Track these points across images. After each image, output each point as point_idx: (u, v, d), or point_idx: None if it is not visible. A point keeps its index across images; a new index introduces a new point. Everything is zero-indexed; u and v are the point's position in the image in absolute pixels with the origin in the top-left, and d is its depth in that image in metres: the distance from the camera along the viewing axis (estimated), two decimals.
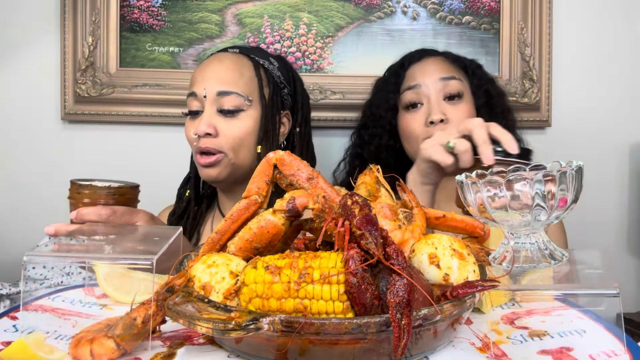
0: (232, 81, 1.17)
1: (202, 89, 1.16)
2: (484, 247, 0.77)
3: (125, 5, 1.58)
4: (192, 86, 1.20)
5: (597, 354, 0.59)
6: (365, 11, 1.61)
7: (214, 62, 1.20)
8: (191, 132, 1.17)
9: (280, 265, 0.55)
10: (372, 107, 1.37)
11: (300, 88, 1.30)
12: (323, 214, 0.62)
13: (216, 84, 1.16)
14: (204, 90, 1.16)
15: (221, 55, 1.23)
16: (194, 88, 1.19)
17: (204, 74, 1.18)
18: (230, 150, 1.16)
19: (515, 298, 0.75)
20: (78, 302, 0.75)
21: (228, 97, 1.16)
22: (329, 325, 0.51)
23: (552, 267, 0.67)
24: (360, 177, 0.77)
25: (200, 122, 1.15)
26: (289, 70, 1.29)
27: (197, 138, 1.16)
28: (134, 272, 0.76)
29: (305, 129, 1.30)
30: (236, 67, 1.19)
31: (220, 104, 1.16)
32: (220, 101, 1.16)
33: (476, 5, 1.62)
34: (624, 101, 1.68)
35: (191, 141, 1.19)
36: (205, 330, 0.52)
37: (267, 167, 0.69)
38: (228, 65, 1.19)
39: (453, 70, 1.26)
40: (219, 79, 1.17)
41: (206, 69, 1.20)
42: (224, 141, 1.16)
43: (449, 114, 1.20)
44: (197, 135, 1.15)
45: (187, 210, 1.29)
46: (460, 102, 1.23)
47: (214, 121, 1.16)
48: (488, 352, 0.60)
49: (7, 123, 1.59)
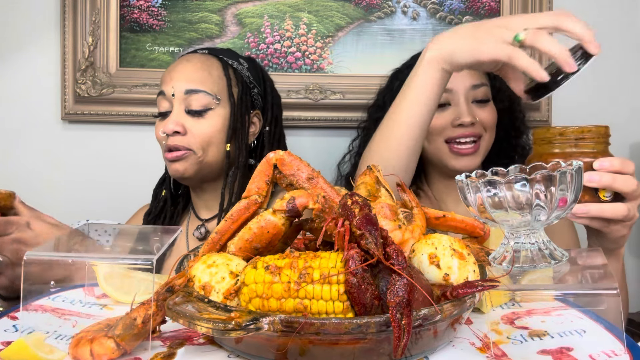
0: (200, 80, 1.19)
1: (170, 87, 1.18)
2: (484, 247, 0.77)
3: (125, 5, 1.58)
4: (161, 86, 1.21)
5: (597, 354, 0.59)
6: (365, 11, 1.61)
7: (182, 62, 1.22)
8: (160, 131, 1.18)
9: (280, 265, 0.55)
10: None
11: (270, 88, 1.31)
12: (323, 214, 0.62)
13: (184, 83, 1.17)
14: (172, 89, 1.17)
15: (190, 56, 1.24)
16: (163, 87, 1.20)
17: (172, 74, 1.20)
18: (199, 148, 1.17)
19: (515, 298, 0.75)
20: (78, 302, 0.75)
21: (196, 95, 1.17)
22: (329, 325, 0.51)
23: (552, 267, 0.67)
24: (360, 177, 0.77)
25: (169, 121, 1.17)
26: (259, 71, 1.30)
27: (165, 137, 1.17)
28: (134, 272, 0.76)
29: (276, 129, 1.30)
30: (204, 67, 1.21)
31: (188, 103, 1.17)
32: (188, 100, 1.17)
33: (476, 5, 1.62)
34: (624, 101, 1.68)
35: (160, 140, 1.20)
36: (205, 330, 0.52)
37: (267, 167, 0.69)
38: (196, 65, 1.21)
39: (482, 76, 1.28)
40: (187, 78, 1.18)
41: (175, 68, 1.21)
42: (192, 140, 1.17)
43: (477, 115, 1.24)
44: (165, 134, 1.16)
45: (164, 210, 1.29)
46: (486, 105, 1.26)
47: (182, 120, 1.17)
48: (488, 352, 0.60)
49: (7, 123, 1.59)
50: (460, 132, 1.21)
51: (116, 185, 1.61)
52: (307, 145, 1.63)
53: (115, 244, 0.74)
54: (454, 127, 1.22)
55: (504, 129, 1.32)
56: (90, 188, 1.61)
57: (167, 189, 1.30)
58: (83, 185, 1.61)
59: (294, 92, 1.60)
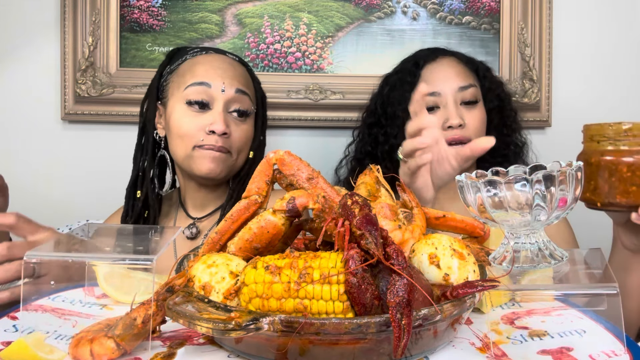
0: (246, 84, 1.19)
1: (220, 82, 1.14)
2: (484, 247, 0.77)
3: (125, 5, 1.58)
4: (198, 76, 1.15)
5: (597, 354, 0.59)
6: (365, 11, 1.61)
7: (225, 61, 1.19)
8: (201, 125, 1.13)
9: (280, 265, 0.55)
10: (385, 105, 1.37)
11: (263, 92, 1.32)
12: (323, 214, 0.62)
13: (236, 82, 1.16)
14: (223, 85, 1.14)
15: (227, 57, 1.22)
16: (207, 79, 1.14)
17: (220, 71, 1.16)
18: (235, 151, 1.17)
19: (515, 298, 0.75)
20: (78, 302, 0.75)
21: (245, 97, 1.17)
22: (329, 325, 0.51)
23: (552, 267, 0.67)
24: (360, 177, 0.77)
25: (215, 119, 1.13)
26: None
27: (206, 133, 1.13)
28: (134, 272, 0.76)
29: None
30: (246, 73, 1.22)
31: (236, 103, 1.16)
32: (237, 100, 1.16)
33: (476, 5, 1.62)
34: (624, 101, 1.68)
35: (196, 135, 1.13)
36: (205, 330, 0.52)
37: (267, 167, 0.69)
38: (239, 69, 1.20)
39: (470, 77, 1.28)
40: (237, 78, 1.17)
41: (220, 64, 1.17)
42: (232, 143, 1.16)
43: (466, 119, 1.24)
44: (212, 132, 1.12)
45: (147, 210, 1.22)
46: (475, 107, 1.26)
47: (228, 120, 1.15)
48: (488, 352, 0.60)
49: (7, 123, 1.59)
50: (450, 137, 1.21)
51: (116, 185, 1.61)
52: (307, 145, 1.63)
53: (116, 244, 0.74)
54: (444, 130, 1.22)
55: (496, 129, 1.31)
56: (90, 188, 1.61)
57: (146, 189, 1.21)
58: (83, 185, 1.61)
59: (294, 92, 1.59)
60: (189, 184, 1.23)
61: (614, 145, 0.84)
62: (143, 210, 1.22)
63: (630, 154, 0.82)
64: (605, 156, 0.84)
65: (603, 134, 0.85)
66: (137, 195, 1.22)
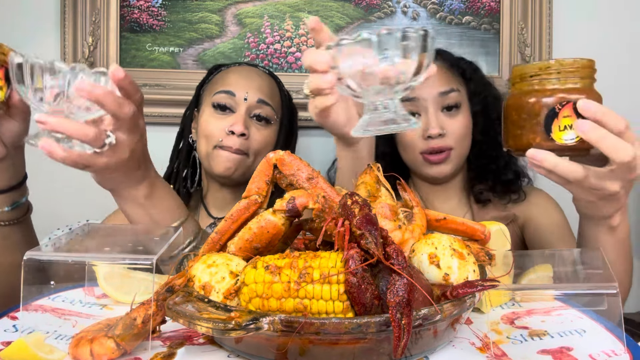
0: (270, 96, 1.26)
1: (244, 92, 1.22)
2: (484, 247, 0.77)
3: (125, 5, 1.58)
4: (226, 85, 1.24)
5: (597, 354, 0.59)
6: (365, 11, 1.61)
7: (254, 73, 1.28)
8: (224, 127, 1.20)
9: (280, 265, 0.55)
10: None
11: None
12: (323, 214, 0.62)
13: (259, 92, 1.24)
14: (246, 94, 1.22)
15: (256, 70, 1.30)
16: (232, 89, 1.23)
17: (245, 81, 1.24)
18: (253, 154, 1.22)
19: (515, 298, 0.75)
20: (78, 302, 0.75)
21: (266, 106, 1.24)
22: (329, 325, 0.51)
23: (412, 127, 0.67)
24: (360, 176, 0.76)
25: (236, 121, 1.20)
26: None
27: (225, 134, 1.19)
28: (134, 272, 0.76)
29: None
30: (272, 85, 1.29)
31: (257, 110, 1.23)
32: (258, 108, 1.23)
33: (476, 5, 1.62)
34: (624, 101, 1.68)
35: (217, 135, 1.20)
36: (205, 330, 0.52)
37: (267, 167, 0.69)
38: (266, 80, 1.28)
39: (452, 80, 1.24)
40: (260, 89, 1.25)
41: (247, 75, 1.26)
42: (250, 144, 1.21)
43: (446, 127, 1.20)
44: (231, 132, 1.19)
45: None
46: (457, 112, 1.23)
47: (248, 123, 1.22)
48: (488, 352, 0.60)
49: None
50: (430, 146, 1.19)
51: None
52: (306, 145, 1.62)
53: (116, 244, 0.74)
54: (424, 139, 1.20)
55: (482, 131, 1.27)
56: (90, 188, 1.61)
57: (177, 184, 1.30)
58: (83, 185, 1.61)
59: (294, 92, 1.59)
60: (212, 184, 1.31)
61: (510, 88, 0.83)
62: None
63: (515, 97, 0.80)
64: (507, 101, 0.82)
65: (520, 74, 0.81)
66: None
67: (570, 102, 0.76)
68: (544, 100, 0.77)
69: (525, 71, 0.79)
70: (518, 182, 1.30)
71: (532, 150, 0.77)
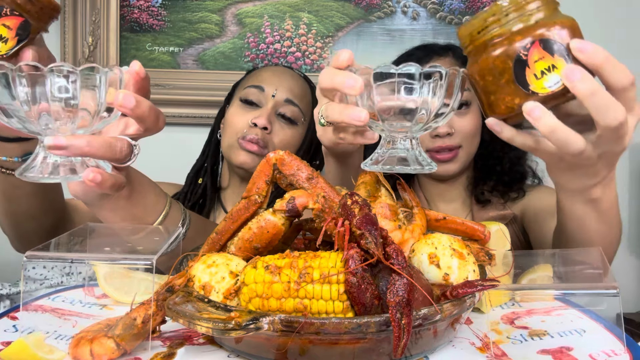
0: (300, 97, 1.28)
1: (273, 89, 1.25)
2: (484, 247, 0.77)
3: (125, 5, 1.58)
4: (258, 81, 1.27)
5: (597, 354, 0.59)
6: (365, 11, 1.61)
7: (287, 73, 1.31)
8: (248, 119, 1.22)
9: (280, 265, 0.55)
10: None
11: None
12: (323, 214, 0.62)
13: (288, 92, 1.26)
14: (275, 91, 1.25)
15: (291, 71, 1.33)
16: (262, 84, 1.26)
17: (277, 79, 1.27)
18: (272, 149, 1.22)
19: (515, 298, 0.75)
20: (78, 302, 0.75)
21: (293, 107, 1.26)
22: (329, 325, 0.51)
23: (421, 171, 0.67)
24: (360, 176, 0.76)
25: (261, 114, 1.22)
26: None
27: (250, 126, 1.22)
28: (134, 272, 0.76)
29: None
30: (304, 88, 1.31)
31: (284, 109, 1.25)
32: (285, 107, 1.25)
33: (476, 5, 1.62)
34: None
35: (241, 127, 1.22)
36: (205, 330, 0.52)
37: (267, 167, 0.69)
38: (298, 82, 1.30)
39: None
40: (290, 89, 1.27)
41: (280, 74, 1.29)
42: (271, 140, 1.23)
43: (455, 125, 1.19)
44: (254, 124, 1.21)
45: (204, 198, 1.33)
46: (467, 110, 1.21)
47: (272, 118, 1.24)
48: (488, 352, 0.60)
49: None
50: (437, 145, 1.18)
51: None
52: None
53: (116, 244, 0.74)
54: (432, 137, 1.18)
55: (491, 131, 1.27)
56: None
57: (207, 178, 1.33)
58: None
59: None
60: (233, 179, 1.33)
61: (489, 36, 0.64)
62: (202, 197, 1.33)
63: (473, 63, 0.67)
64: (468, 71, 0.69)
65: (472, 31, 0.66)
66: (198, 181, 1.34)
67: (536, 42, 0.60)
68: (501, 51, 0.62)
69: (472, 29, 0.65)
70: (521, 184, 1.29)
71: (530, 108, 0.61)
